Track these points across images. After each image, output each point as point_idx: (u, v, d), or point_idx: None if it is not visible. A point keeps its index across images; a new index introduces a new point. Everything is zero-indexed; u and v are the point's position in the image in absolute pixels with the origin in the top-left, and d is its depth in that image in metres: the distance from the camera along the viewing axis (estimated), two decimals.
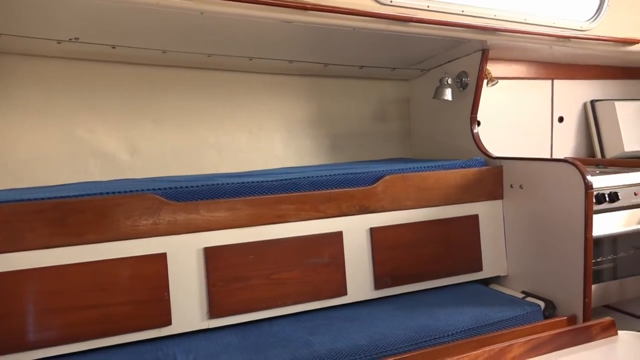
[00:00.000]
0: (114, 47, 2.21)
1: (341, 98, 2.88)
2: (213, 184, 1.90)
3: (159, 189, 1.82)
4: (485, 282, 2.47)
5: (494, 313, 2.02)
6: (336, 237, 2.06)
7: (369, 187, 2.14)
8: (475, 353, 1.08)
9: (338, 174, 2.12)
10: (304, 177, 2.06)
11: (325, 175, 2.09)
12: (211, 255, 1.85)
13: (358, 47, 2.46)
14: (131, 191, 1.77)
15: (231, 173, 2.34)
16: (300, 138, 2.78)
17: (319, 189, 2.07)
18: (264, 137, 2.70)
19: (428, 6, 2.15)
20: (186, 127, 2.54)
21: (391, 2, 2.06)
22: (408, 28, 2.14)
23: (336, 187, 2.10)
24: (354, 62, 2.67)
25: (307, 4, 1.86)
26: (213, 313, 1.84)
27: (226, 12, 1.82)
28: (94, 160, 2.39)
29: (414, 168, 2.27)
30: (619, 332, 1.25)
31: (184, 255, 1.81)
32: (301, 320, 1.98)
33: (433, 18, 2.16)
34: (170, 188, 1.84)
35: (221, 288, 1.86)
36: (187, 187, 1.86)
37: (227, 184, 1.92)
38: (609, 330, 1.23)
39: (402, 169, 2.24)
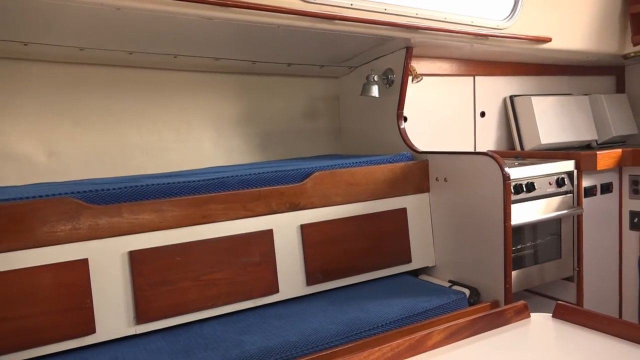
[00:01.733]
0: (25, 44, 2.09)
1: (270, 96, 2.87)
2: (137, 186, 1.84)
3: (78, 192, 1.74)
4: (415, 273, 2.54)
5: (422, 303, 2.09)
6: (266, 235, 2.06)
7: (299, 184, 2.15)
8: (397, 342, 1.10)
9: (267, 172, 2.12)
10: (232, 176, 2.04)
11: (254, 174, 2.08)
12: (136, 258, 1.80)
13: (285, 45, 2.46)
14: (47, 195, 1.69)
15: (157, 174, 2.28)
16: (229, 137, 2.75)
17: (248, 188, 2.05)
18: (192, 136, 2.65)
19: (352, 4, 2.18)
20: (109, 128, 2.45)
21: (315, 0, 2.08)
22: (333, 26, 2.17)
23: (266, 185, 2.09)
24: (282, 60, 2.67)
25: (229, 1, 1.84)
26: (140, 318, 1.79)
27: (143, 9, 1.77)
28: (7, 165, 2.25)
29: (342, 164, 2.31)
30: (532, 314, 1.32)
31: (107, 260, 1.75)
32: (233, 320, 1.96)
33: (357, 16, 2.19)
34: (91, 191, 1.77)
35: (148, 292, 1.81)
36: (108, 189, 1.79)
37: (152, 185, 1.87)
38: (522, 313, 1.30)
39: (331, 165, 2.26)
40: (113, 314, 1.75)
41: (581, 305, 2.81)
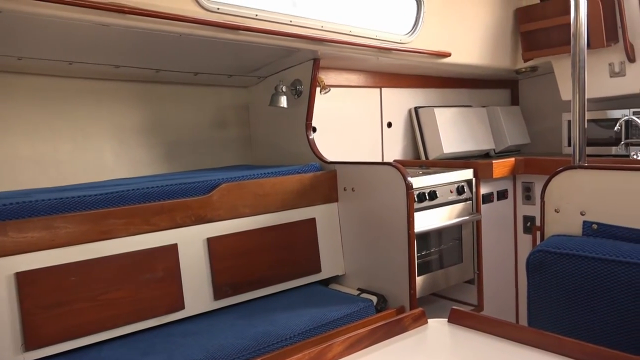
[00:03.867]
0: None
1: (176, 105, 2.79)
2: (24, 202, 1.71)
3: None
4: (326, 282, 2.56)
5: (330, 312, 2.10)
6: (170, 250, 1.99)
7: (205, 196, 2.10)
8: (297, 357, 1.10)
9: (171, 184, 2.05)
10: (133, 189, 1.96)
11: (158, 186, 2.01)
12: (24, 280, 1.66)
13: (190, 54, 2.40)
14: None
15: (51, 188, 2.13)
16: (133, 147, 2.64)
17: (150, 201, 1.98)
18: (91, 147, 2.51)
19: (256, 15, 2.17)
20: None
21: (218, 9, 2.04)
22: (237, 36, 2.14)
23: (170, 198, 2.02)
24: (187, 69, 2.60)
25: (125, 7, 1.76)
26: (29, 344, 1.65)
27: (30, 12, 1.65)
28: None
29: (250, 175, 2.28)
30: (429, 320, 1.36)
31: None
32: (135, 340, 1.87)
33: (262, 27, 2.18)
34: None
35: (38, 316, 1.68)
36: None
37: (43, 200, 1.75)
38: (420, 319, 1.34)
39: (239, 177, 2.23)
40: None
41: (481, 306, 2.96)
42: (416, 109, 3.49)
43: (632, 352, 1.35)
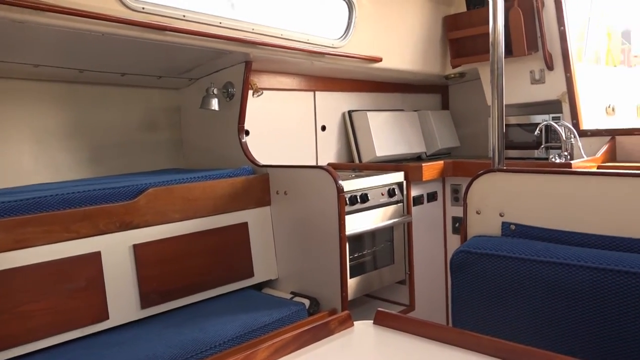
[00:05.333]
0: None
1: (102, 107, 2.68)
2: None
3: None
4: (259, 286, 2.54)
5: (262, 317, 2.09)
6: (93, 259, 1.91)
7: (130, 201, 2.03)
8: None
9: (94, 190, 1.97)
10: (52, 195, 1.86)
11: (79, 192, 1.92)
12: None
13: (116, 54, 2.32)
14: None
15: None
16: (55, 151, 2.51)
17: (71, 207, 1.89)
18: (8, 150, 2.36)
19: (184, 16, 2.12)
20: None
21: (143, 8, 1.98)
22: (164, 37, 2.09)
23: (92, 204, 1.94)
24: (114, 69, 2.51)
25: (42, 4, 1.68)
26: None
27: None
28: None
29: (179, 179, 2.23)
30: (355, 322, 1.37)
31: None
32: (55, 354, 1.78)
33: (190, 28, 2.14)
34: None
35: None
36: None
37: None
38: (346, 322, 1.35)
39: (167, 181, 2.18)
40: None
41: (413, 306, 3.04)
42: (350, 112, 3.54)
43: (544, 347, 1.43)
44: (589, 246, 1.50)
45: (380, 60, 3.14)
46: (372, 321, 1.40)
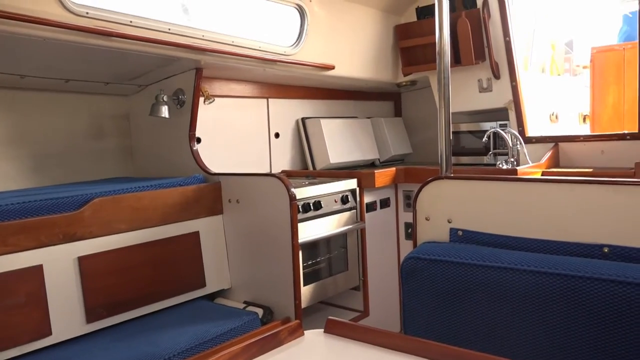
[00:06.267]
0: None
1: (46, 114, 2.58)
2: None
3: None
4: (212, 296, 2.50)
5: (214, 328, 2.05)
6: (34, 272, 1.83)
7: (75, 212, 1.96)
8: None
9: (35, 201, 1.89)
10: None
11: (18, 203, 1.84)
12: None
13: (59, 59, 2.24)
14: None
15: None
16: None
17: (10, 219, 1.80)
18: None
19: (131, 21, 2.07)
20: None
21: (87, 13, 1.92)
22: (110, 43, 2.03)
23: (33, 216, 1.86)
24: (57, 75, 2.42)
25: None
26: None
27: None
28: None
29: (127, 189, 2.17)
30: (305, 331, 1.36)
31: None
32: None
33: (137, 34, 2.09)
34: None
35: None
36: None
37: None
38: (296, 332, 1.34)
39: (114, 191, 2.11)
40: None
41: (367, 312, 3.06)
42: (303, 119, 3.54)
43: (492, 351, 1.46)
44: (533, 250, 1.54)
45: (332, 68, 3.16)
46: (322, 330, 1.39)
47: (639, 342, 1.22)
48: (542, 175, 3.00)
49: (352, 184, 2.95)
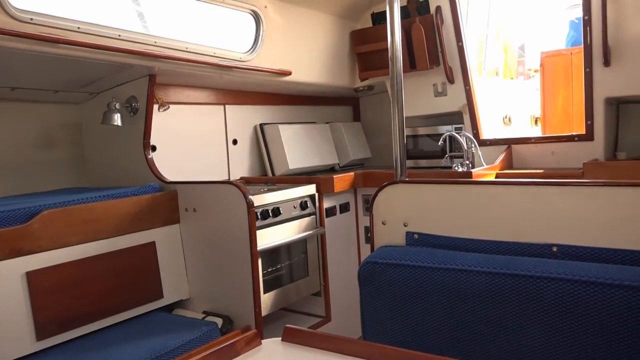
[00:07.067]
0: None
1: None
2: None
3: None
4: (170, 308, 2.45)
5: (171, 340, 2.01)
6: None
7: (22, 225, 1.89)
8: None
9: None
10: None
11: None
12: None
13: (4, 67, 2.16)
14: None
15: None
16: None
17: None
18: None
19: (79, 28, 2.02)
20: None
21: (32, 19, 1.86)
22: (58, 50, 1.97)
23: None
24: (3, 83, 2.33)
25: None
26: None
27: None
28: None
29: (78, 200, 2.10)
30: (263, 341, 1.35)
31: None
32: None
33: (85, 41, 2.04)
34: None
35: None
36: None
37: None
38: (253, 341, 1.33)
39: (64, 202, 2.05)
40: None
41: (329, 317, 3.05)
42: (262, 125, 3.52)
43: (448, 353, 1.48)
44: (486, 252, 1.58)
45: (289, 73, 3.16)
46: (280, 338, 1.38)
47: (587, 337, 1.26)
48: (496, 176, 3.08)
49: (311, 189, 2.95)
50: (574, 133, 3.28)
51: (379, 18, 3.71)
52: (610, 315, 1.22)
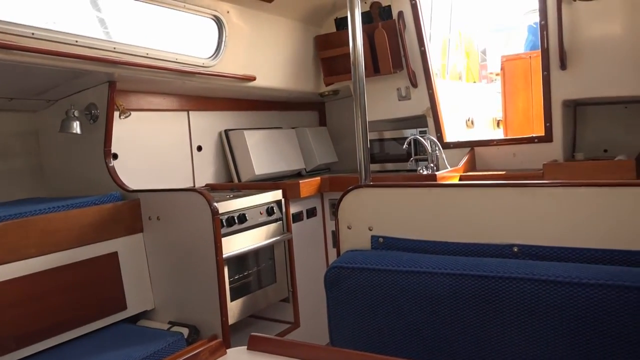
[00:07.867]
0: None
1: None
2: None
3: None
4: (135, 319, 2.39)
5: (135, 352, 1.96)
6: None
7: None
8: None
9: None
10: None
11: None
12: None
13: None
14: None
15: None
16: None
17: None
18: None
19: (33, 34, 1.96)
20: None
21: None
22: (10, 56, 1.91)
23: None
24: None
25: None
26: None
27: None
28: None
29: (36, 211, 2.04)
30: (228, 350, 1.33)
31: None
32: None
33: (40, 47, 1.98)
34: None
35: None
36: None
37: None
38: (218, 351, 1.31)
39: (20, 214, 1.98)
40: None
41: (298, 323, 3.04)
42: (226, 131, 3.49)
43: (414, 355, 1.48)
44: (450, 253, 1.59)
45: (254, 79, 3.14)
46: (245, 347, 1.37)
47: (547, 335, 1.28)
48: (460, 179, 3.13)
49: (277, 195, 2.93)
50: (534, 135, 3.36)
51: (342, 23, 3.73)
52: (570, 313, 1.25)
